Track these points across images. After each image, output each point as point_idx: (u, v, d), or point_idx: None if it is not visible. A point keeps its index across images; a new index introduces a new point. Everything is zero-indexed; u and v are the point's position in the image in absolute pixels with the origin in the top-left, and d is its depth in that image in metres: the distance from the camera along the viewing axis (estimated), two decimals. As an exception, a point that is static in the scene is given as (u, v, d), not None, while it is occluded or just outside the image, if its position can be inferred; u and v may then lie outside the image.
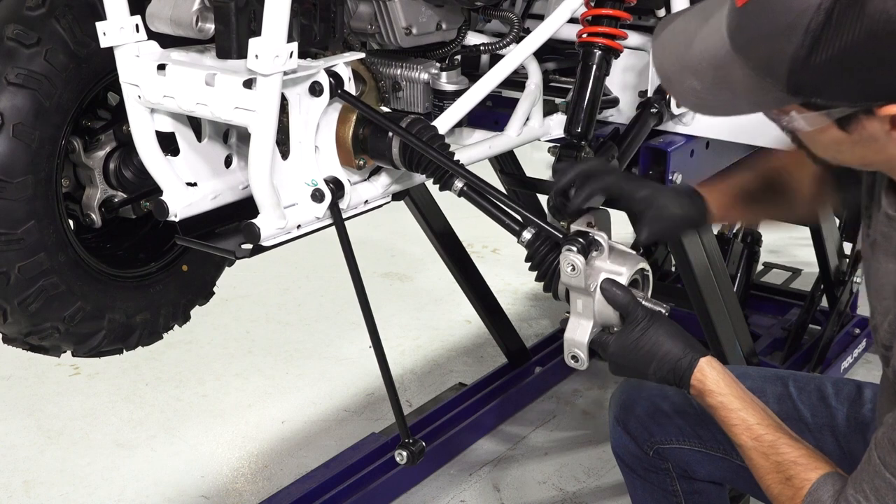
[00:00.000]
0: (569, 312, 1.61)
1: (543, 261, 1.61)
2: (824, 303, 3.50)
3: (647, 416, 1.93)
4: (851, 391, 1.85)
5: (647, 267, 1.62)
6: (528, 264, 1.65)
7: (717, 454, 1.88)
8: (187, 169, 1.72)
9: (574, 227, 1.63)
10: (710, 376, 1.51)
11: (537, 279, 1.64)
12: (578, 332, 1.59)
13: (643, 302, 1.58)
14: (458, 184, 1.65)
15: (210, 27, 1.60)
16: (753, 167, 1.87)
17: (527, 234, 1.63)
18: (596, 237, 1.58)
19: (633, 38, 2.19)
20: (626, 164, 2.08)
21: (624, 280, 1.57)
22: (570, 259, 1.54)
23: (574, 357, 1.59)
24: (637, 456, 1.95)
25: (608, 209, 1.71)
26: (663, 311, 1.59)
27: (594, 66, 1.90)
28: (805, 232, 3.28)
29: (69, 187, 1.82)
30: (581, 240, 1.55)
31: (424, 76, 1.92)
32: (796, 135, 1.35)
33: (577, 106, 1.89)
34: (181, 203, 1.68)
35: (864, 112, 1.24)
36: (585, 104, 1.89)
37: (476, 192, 1.65)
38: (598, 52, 1.90)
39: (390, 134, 1.67)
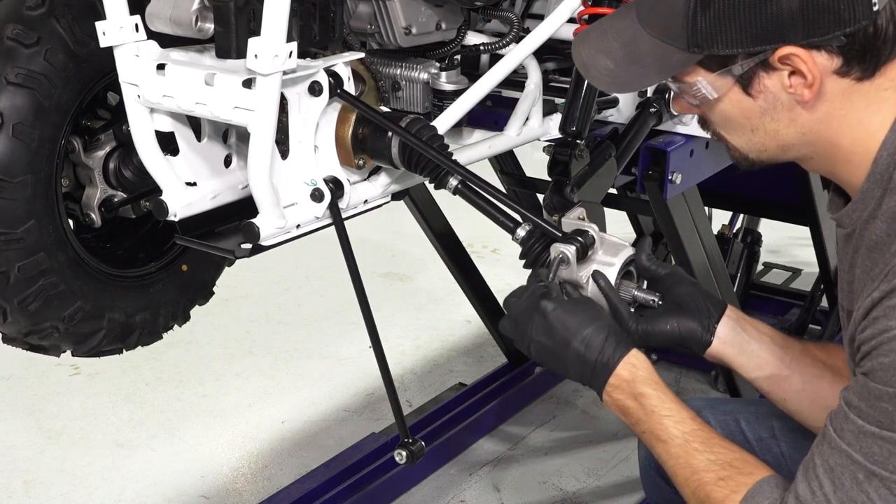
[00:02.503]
0: None
1: (538, 259, 1.62)
2: (824, 303, 3.51)
3: None
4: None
5: None
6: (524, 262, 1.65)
7: None
8: (187, 168, 1.72)
9: (566, 220, 1.62)
10: (645, 365, 1.45)
11: None
12: None
13: (635, 292, 1.58)
14: (453, 181, 1.65)
15: (209, 27, 1.60)
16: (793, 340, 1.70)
17: (521, 232, 1.63)
18: (588, 229, 1.58)
19: (633, 38, 2.19)
20: (624, 164, 2.08)
21: (615, 271, 1.57)
22: (561, 251, 1.54)
23: None
24: (671, 501, 1.78)
25: (600, 204, 1.71)
26: (655, 300, 1.59)
27: (591, 66, 1.89)
28: (805, 232, 3.28)
29: (69, 187, 1.82)
30: (580, 239, 1.55)
31: (424, 76, 1.92)
32: (711, 121, 1.39)
33: (573, 105, 1.89)
34: (181, 203, 1.68)
35: (761, 66, 1.28)
36: (581, 103, 1.89)
37: (471, 189, 1.65)
38: (595, 52, 1.89)
39: (390, 133, 1.67)
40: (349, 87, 1.65)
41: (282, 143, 1.62)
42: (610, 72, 1.38)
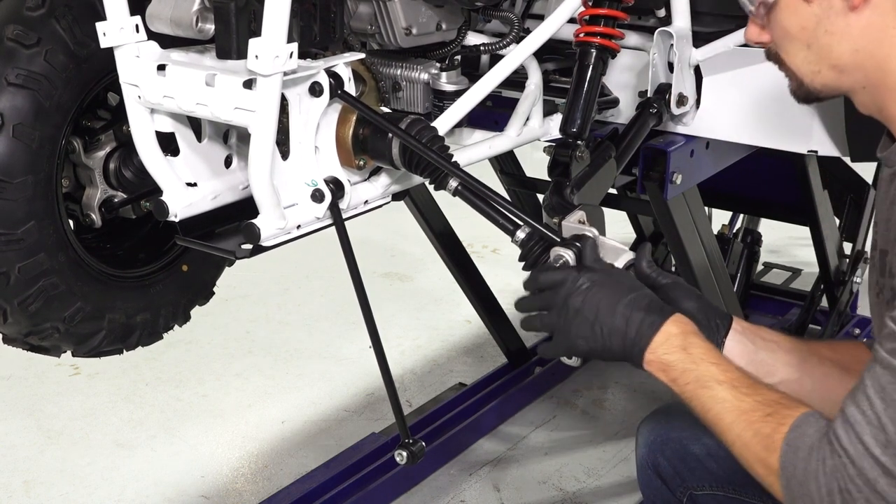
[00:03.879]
0: None
1: (537, 261, 1.62)
2: (824, 303, 3.51)
3: (677, 458, 1.83)
4: None
5: None
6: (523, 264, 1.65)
7: (753, 502, 1.77)
8: (187, 169, 1.72)
9: (566, 223, 1.62)
10: (691, 323, 1.46)
11: None
12: None
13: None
14: (453, 183, 1.65)
15: (210, 27, 1.60)
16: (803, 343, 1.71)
17: (520, 234, 1.63)
18: (587, 233, 1.58)
19: (633, 38, 2.19)
20: (624, 164, 2.08)
21: None
22: (558, 254, 1.55)
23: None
24: (668, 501, 1.85)
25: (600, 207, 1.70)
26: None
27: (590, 66, 1.90)
28: (805, 232, 3.28)
29: (69, 187, 1.82)
30: (578, 244, 1.55)
31: (424, 76, 1.92)
32: (773, 41, 1.43)
33: (573, 105, 1.89)
34: (181, 203, 1.68)
35: None
36: (581, 104, 1.89)
37: (471, 191, 1.65)
38: (594, 52, 1.90)
39: (390, 134, 1.67)
40: (350, 87, 1.65)
41: (282, 143, 1.62)
42: None
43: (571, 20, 1.90)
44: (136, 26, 1.59)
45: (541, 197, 2.06)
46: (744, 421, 1.37)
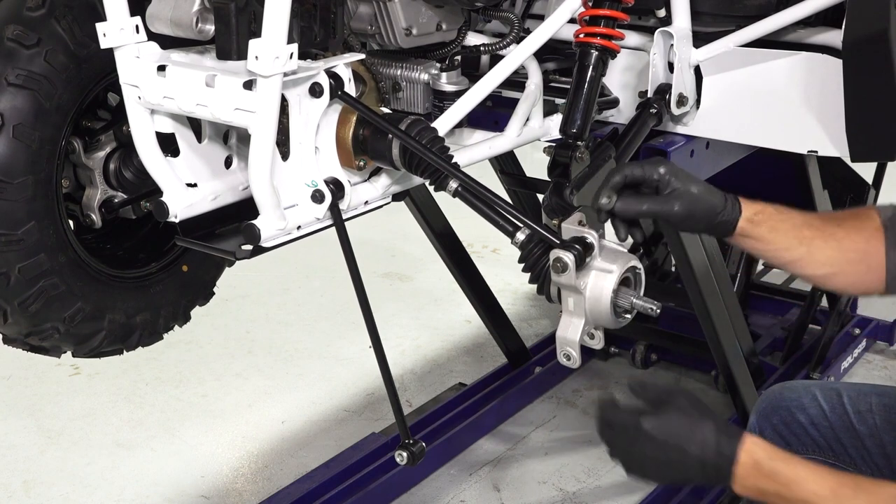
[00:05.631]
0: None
1: (537, 263, 1.61)
2: (824, 303, 3.51)
3: (783, 425, 1.93)
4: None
5: (639, 265, 1.61)
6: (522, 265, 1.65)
7: (848, 468, 1.86)
8: (187, 170, 1.72)
9: (565, 225, 1.62)
10: (762, 444, 1.46)
11: (531, 281, 1.65)
12: (570, 331, 1.59)
13: (634, 300, 1.57)
14: (453, 184, 1.65)
15: (210, 28, 1.60)
16: (806, 212, 1.76)
17: (520, 236, 1.63)
18: (587, 236, 1.58)
19: (633, 39, 2.19)
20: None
21: (614, 278, 1.57)
22: (559, 256, 1.54)
23: (567, 356, 1.59)
24: None
25: None
26: (655, 308, 1.59)
27: (590, 67, 1.90)
28: (805, 232, 3.27)
29: (69, 188, 1.82)
30: (578, 246, 1.55)
31: (424, 77, 1.92)
32: None
33: (573, 106, 1.89)
34: (181, 204, 1.68)
35: None
36: (581, 104, 1.89)
37: (471, 192, 1.65)
38: (594, 53, 1.90)
39: (390, 135, 1.67)
40: (350, 88, 1.65)
41: (282, 144, 1.62)
42: None
43: (571, 20, 1.90)
44: (137, 27, 1.59)
45: (541, 197, 2.05)
46: None
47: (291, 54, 1.48)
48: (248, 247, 1.64)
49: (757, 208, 1.68)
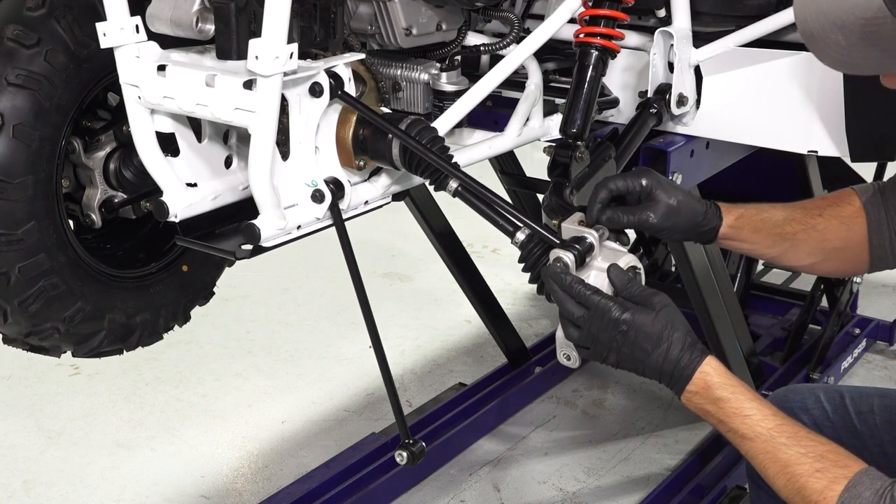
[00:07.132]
0: None
1: (537, 263, 1.62)
2: (824, 303, 3.51)
3: None
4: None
5: (639, 264, 1.61)
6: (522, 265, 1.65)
7: None
8: (187, 169, 1.72)
9: (565, 225, 1.62)
10: (720, 370, 1.48)
11: (531, 281, 1.64)
12: None
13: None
14: (453, 184, 1.65)
15: (210, 28, 1.60)
16: (788, 205, 1.82)
17: (520, 236, 1.63)
18: (587, 235, 1.58)
19: (633, 39, 2.19)
20: (624, 164, 2.08)
21: None
22: (559, 256, 1.55)
23: (566, 356, 1.60)
24: None
25: None
26: None
27: (590, 67, 1.90)
28: (805, 232, 3.28)
29: (69, 188, 1.82)
30: (578, 246, 1.55)
31: (424, 77, 1.92)
32: None
33: (573, 106, 1.89)
34: (181, 204, 1.68)
35: None
36: (581, 104, 1.89)
37: (471, 192, 1.65)
38: (594, 53, 1.90)
39: (390, 135, 1.67)
40: (350, 88, 1.65)
41: (282, 144, 1.62)
42: (841, 49, 1.26)
43: (571, 20, 1.90)
44: (137, 27, 1.59)
45: (541, 197, 2.05)
46: (787, 474, 1.38)
47: (291, 54, 1.48)
48: (248, 246, 1.64)
49: (738, 212, 1.76)
